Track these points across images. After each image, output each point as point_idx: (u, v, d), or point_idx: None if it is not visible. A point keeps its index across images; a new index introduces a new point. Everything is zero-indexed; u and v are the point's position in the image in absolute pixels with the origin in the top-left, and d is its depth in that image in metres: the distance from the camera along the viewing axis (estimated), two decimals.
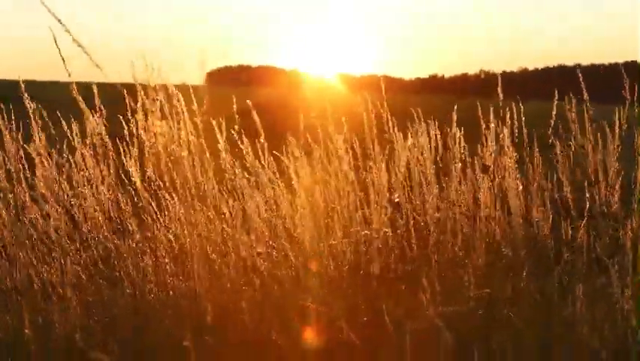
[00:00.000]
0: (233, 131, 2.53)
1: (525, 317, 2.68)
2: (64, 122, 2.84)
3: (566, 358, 2.68)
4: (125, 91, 2.61)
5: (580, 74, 2.89)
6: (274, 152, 2.74)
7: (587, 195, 2.94)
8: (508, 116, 2.85)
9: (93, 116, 2.64)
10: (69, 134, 2.83)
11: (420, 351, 2.39)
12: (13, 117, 2.81)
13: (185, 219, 2.48)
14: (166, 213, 2.63)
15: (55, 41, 2.47)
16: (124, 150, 2.74)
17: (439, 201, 2.60)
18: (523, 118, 2.89)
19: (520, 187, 2.65)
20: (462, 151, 2.63)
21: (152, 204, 2.58)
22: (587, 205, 2.91)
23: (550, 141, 2.90)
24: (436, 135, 2.83)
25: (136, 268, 2.67)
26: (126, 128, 2.72)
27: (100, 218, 2.65)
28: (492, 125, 2.78)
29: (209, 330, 2.12)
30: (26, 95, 2.70)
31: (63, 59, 2.50)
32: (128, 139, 2.74)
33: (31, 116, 2.74)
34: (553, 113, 2.87)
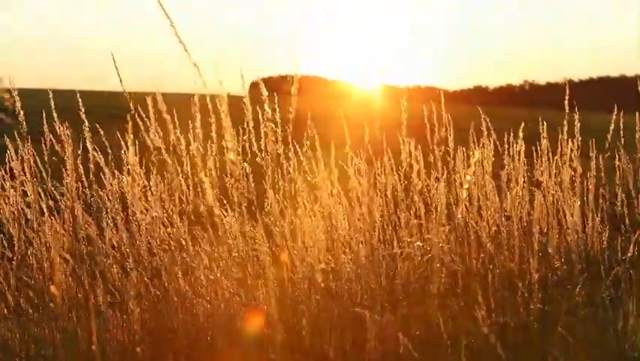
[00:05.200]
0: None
1: (578, 332, 2.65)
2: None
3: None
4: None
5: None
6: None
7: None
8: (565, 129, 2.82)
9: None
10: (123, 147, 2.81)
11: None
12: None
13: (241, 233, 2.49)
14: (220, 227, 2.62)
15: (114, 59, 2.50)
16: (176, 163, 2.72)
17: (496, 215, 2.59)
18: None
19: (578, 203, 2.62)
20: (524, 167, 2.61)
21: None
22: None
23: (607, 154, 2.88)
24: (496, 149, 2.82)
25: (187, 282, 2.69)
26: (182, 141, 2.68)
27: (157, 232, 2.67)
28: (544, 140, 2.75)
29: (273, 348, 2.13)
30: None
31: (117, 68, 2.51)
32: (181, 151, 2.72)
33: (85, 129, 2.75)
34: (611, 127, 2.84)
